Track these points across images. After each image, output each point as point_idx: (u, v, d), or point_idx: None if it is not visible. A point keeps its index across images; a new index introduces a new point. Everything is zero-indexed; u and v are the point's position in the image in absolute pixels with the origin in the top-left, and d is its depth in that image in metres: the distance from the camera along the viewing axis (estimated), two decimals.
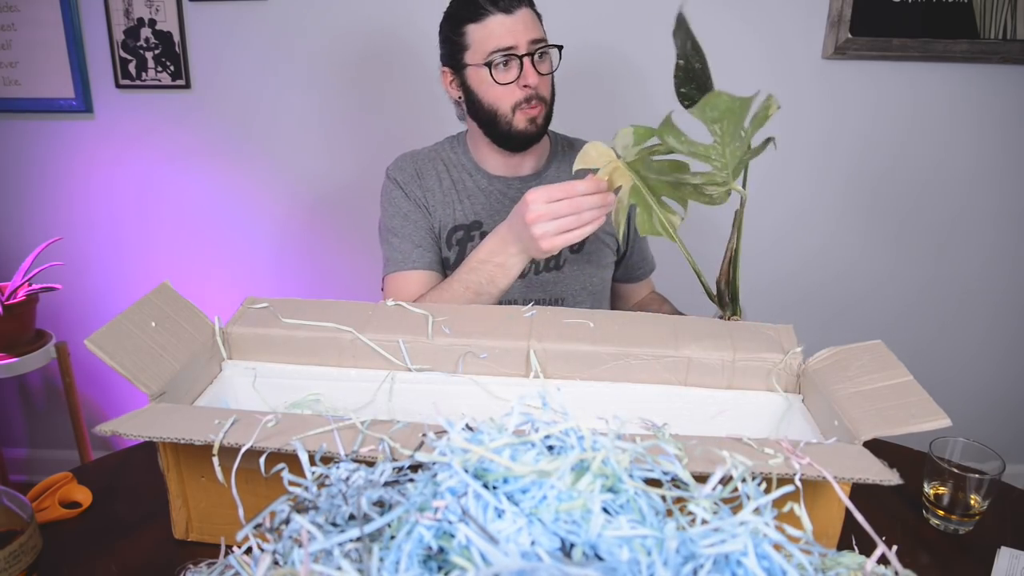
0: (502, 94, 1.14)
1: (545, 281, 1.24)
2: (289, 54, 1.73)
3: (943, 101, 1.68)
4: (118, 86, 1.76)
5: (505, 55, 1.11)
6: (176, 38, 1.71)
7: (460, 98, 1.20)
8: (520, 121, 1.15)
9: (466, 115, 1.22)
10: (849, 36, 1.62)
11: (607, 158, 0.94)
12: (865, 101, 1.69)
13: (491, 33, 1.11)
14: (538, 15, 1.16)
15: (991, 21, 1.59)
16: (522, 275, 1.23)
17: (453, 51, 1.16)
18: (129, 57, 1.73)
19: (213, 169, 1.84)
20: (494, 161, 1.24)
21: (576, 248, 1.25)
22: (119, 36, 1.72)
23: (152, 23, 1.71)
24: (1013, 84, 1.66)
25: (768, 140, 0.86)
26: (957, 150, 1.73)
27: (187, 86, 1.76)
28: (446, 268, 1.25)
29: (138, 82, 1.75)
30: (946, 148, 1.72)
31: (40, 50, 1.74)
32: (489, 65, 1.12)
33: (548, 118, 1.19)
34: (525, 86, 1.13)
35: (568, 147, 1.30)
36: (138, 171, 1.85)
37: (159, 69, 1.74)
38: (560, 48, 1.16)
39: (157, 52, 1.73)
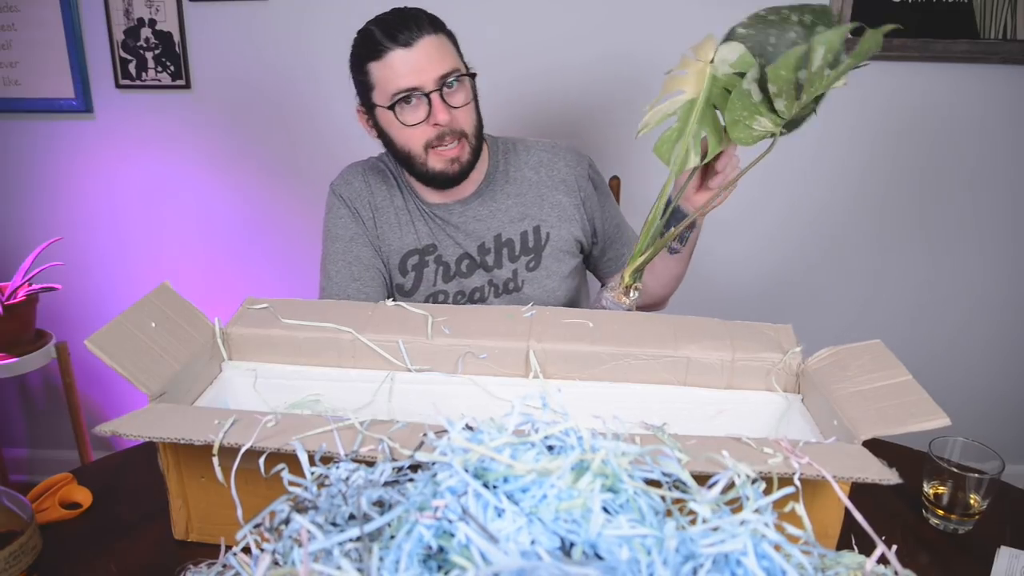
0: (412, 135, 1.07)
1: (506, 303, 1.19)
2: (289, 54, 1.73)
3: (943, 101, 1.68)
4: (118, 86, 1.76)
5: (408, 95, 1.04)
6: (176, 38, 1.71)
7: (377, 137, 1.14)
8: (436, 162, 1.09)
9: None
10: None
11: (704, 56, 0.90)
12: (865, 101, 1.69)
13: (393, 72, 1.04)
14: (450, 36, 1.09)
15: (991, 21, 1.59)
16: (481, 299, 1.18)
17: (361, 90, 1.10)
18: (129, 57, 1.73)
19: (213, 169, 1.84)
20: (427, 193, 1.18)
21: (532, 265, 1.19)
22: (119, 36, 1.72)
23: (152, 23, 1.71)
24: (1013, 84, 1.66)
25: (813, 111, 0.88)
26: (957, 150, 1.72)
27: (187, 86, 1.76)
28: (402, 295, 1.20)
29: (138, 82, 1.75)
30: (946, 148, 1.72)
31: (40, 50, 1.74)
32: (393, 107, 1.05)
33: (475, 152, 1.11)
34: (435, 124, 1.06)
35: (512, 150, 1.22)
36: (138, 171, 1.85)
37: (159, 69, 1.74)
38: (473, 76, 1.09)
39: (157, 52, 1.73)
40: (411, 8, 1.08)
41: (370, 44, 1.05)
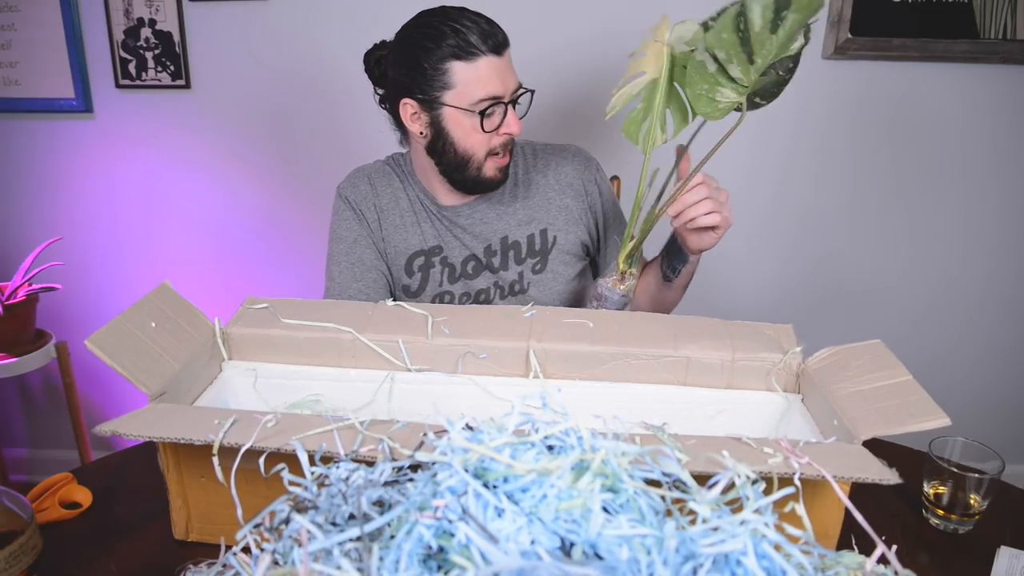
0: (480, 141, 1.08)
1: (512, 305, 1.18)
2: (289, 54, 1.73)
3: (943, 101, 1.68)
4: (118, 86, 1.76)
5: (493, 103, 1.05)
6: (176, 38, 1.71)
7: (422, 133, 1.11)
8: (490, 169, 1.11)
9: (424, 152, 1.13)
10: (849, 36, 1.62)
11: (661, 36, 0.92)
12: (865, 101, 1.69)
13: (481, 77, 1.03)
14: None
15: (991, 21, 1.59)
16: (487, 300, 1.19)
17: (425, 85, 1.06)
18: (129, 57, 1.73)
19: (213, 169, 1.84)
20: (444, 194, 1.19)
21: (538, 268, 1.20)
22: (119, 36, 1.72)
23: (152, 23, 1.71)
24: (1013, 84, 1.66)
25: (785, 82, 0.89)
26: (958, 151, 1.72)
27: (187, 86, 1.76)
28: (409, 296, 1.21)
29: (138, 82, 1.75)
30: (946, 148, 1.72)
31: (40, 50, 1.74)
32: (482, 113, 1.05)
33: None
34: (507, 134, 1.08)
35: (521, 154, 1.23)
36: (138, 171, 1.85)
37: (159, 69, 1.74)
38: (532, 92, 1.11)
39: (157, 52, 1.73)
40: (479, 13, 1.06)
41: (463, 43, 1.02)
